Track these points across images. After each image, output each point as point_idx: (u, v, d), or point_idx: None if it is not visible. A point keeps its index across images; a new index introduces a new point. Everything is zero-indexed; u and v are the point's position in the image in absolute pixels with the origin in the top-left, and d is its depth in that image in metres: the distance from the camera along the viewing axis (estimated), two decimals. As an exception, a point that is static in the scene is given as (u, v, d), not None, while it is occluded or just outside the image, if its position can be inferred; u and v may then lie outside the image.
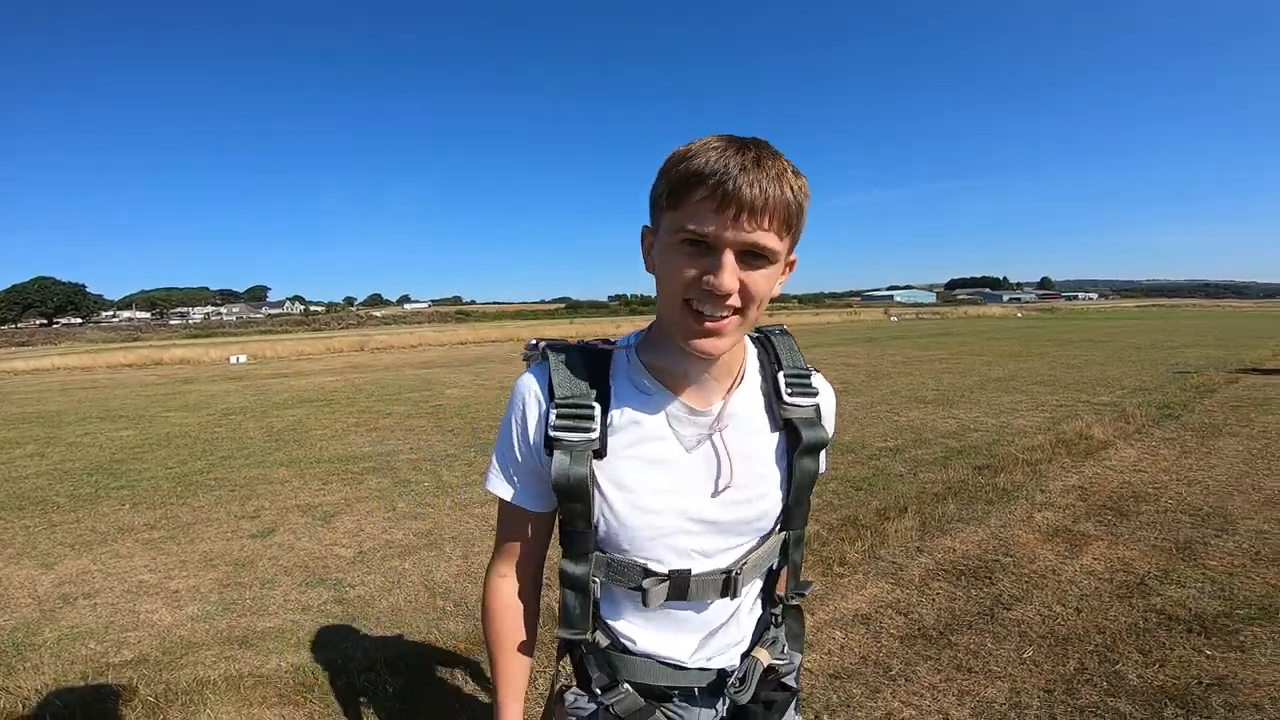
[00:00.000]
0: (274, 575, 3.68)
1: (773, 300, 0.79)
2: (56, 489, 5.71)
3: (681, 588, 0.86)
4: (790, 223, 0.73)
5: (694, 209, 0.71)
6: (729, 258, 0.71)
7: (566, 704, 0.94)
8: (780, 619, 1.01)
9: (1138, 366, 12.69)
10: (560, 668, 0.98)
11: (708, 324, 0.74)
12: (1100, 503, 4.38)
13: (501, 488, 0.89)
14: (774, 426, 0.89)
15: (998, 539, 3.78)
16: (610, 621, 0.90)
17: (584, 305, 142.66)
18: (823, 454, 0.93)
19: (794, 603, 1.02)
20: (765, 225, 0.70)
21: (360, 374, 16.18)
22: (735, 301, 0.73)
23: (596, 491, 0.82)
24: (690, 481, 0.84)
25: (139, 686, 2.55)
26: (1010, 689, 2.34)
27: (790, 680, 1.00)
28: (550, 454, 0.81)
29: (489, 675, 0.97)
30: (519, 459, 0.86)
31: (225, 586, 3.56)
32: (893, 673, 2.49)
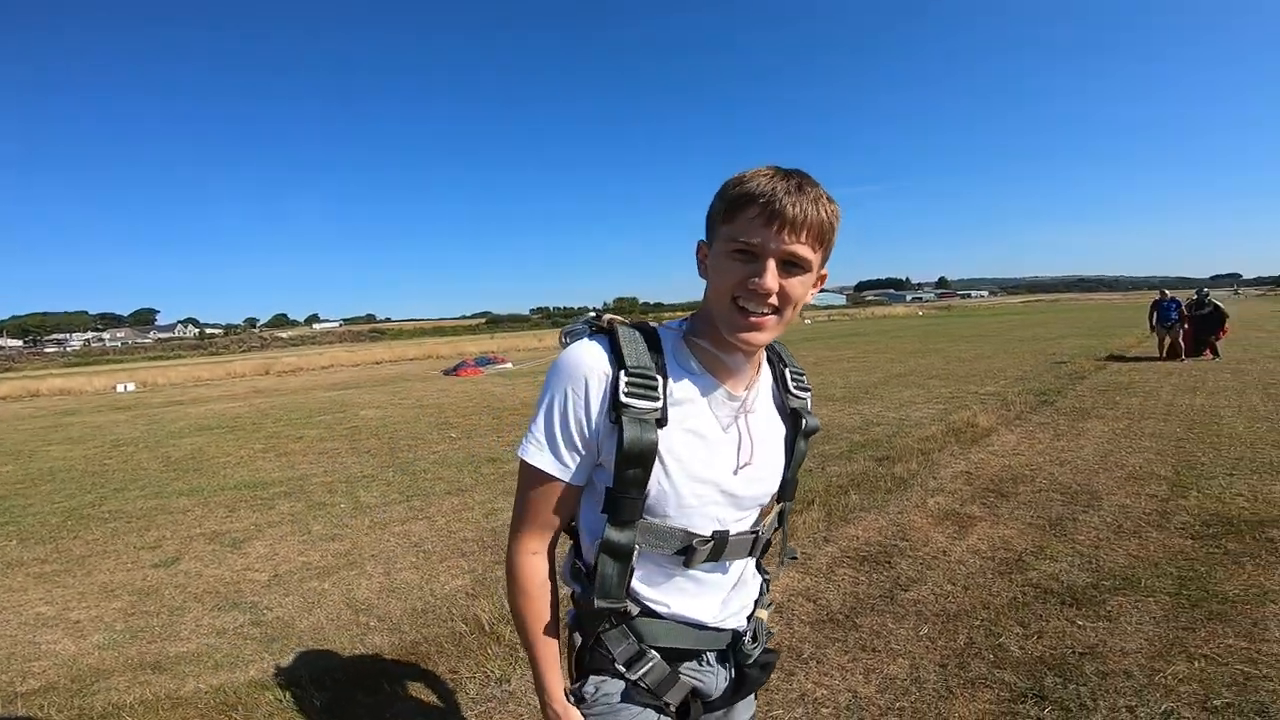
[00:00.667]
0: (183, 602, 3.53)
1: (691, 306, 0.93)
2: (-72, 531, 5.19)
3: (720, 549, 0.95)
4: (823, 239, 0.87)
5: (746, 224, 0.84)
6: (771, 264, 0.84)
7: (587, 699, 0.97)
8: (768, 585, 1.15)
9: (1019, 357, 13.85)
10: (579, 646, 0.99)
11: (752, 319, 0.87)
12: (984, 486, 4.80)
13: (546, 460, 0.91)
14: (782, 414, 1.05)
15: (896, 525, 4.09)
16: (641, 589, 0.95)
17: (505, 319, 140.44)
18: (811, 439, 1.09)
19: (785, 565, 1.18)
20: (803, 239, 0.84)
21: (266, 398, 15.39)
22: (774, 302, 0.86)
23: (657, 459, 0.89)
24: (722, 457, 0.94)
25: (51, 713, 2.45)
26: (910, 665, 2.55)
27: (770, 645, 1.14)
28: (615, 421, 0.87)
29: (522, 650, 1.02)
30: (574, 429, 0.89)
31: (130, 615, 3.40)
32: (805, 656, 2.66)
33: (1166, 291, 12.79)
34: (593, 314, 0.98)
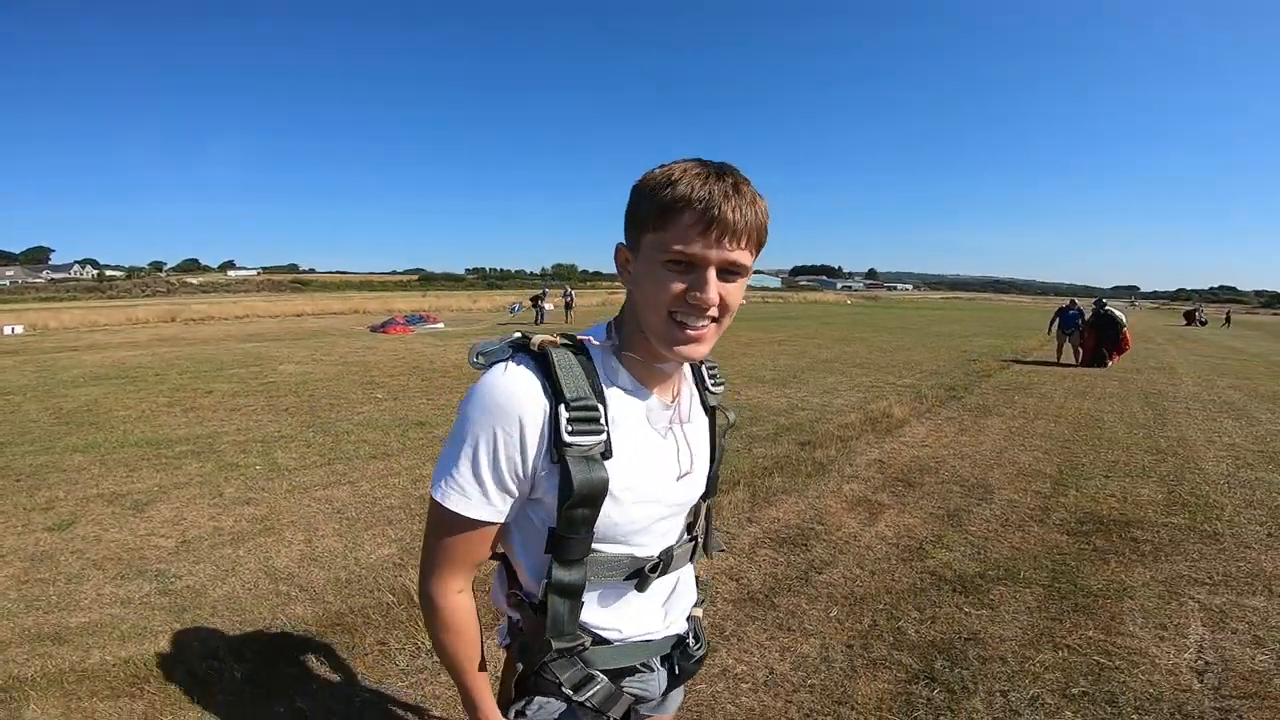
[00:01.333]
0: (81, 569, 3.34)
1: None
2: None
3: (668, 565, 0.94)
4: (761, 241, 0.83)
5: (682, 232, 0.78)
6: (712, 274, 0.80)
7: (528, 716, 0.94)
8: (698, 582, 1.16)
9: (936, 353, 14.63)
10: (516, 675, 0.95)
11: (690, 332, 0.82)
12: (894, 475, 5.10)
13: (475, 508, 0.82)
14: (705, 412, 1.04)
15: (814, 509, 4.30)
16: (592, 618, 0.91)
17: (439, 278, 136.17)
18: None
19: (713, 556, 1.19)
20: (743, 244, 0.80)
21: (171, 348, 14.43)
22: (714, 312, 0.82)
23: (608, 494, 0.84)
24: (665, 469, 0.91)
25: (-60, 691, 2.28)
26: (821, 645, 2.71)
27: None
28: (557, 461, 0.80)
29: (451, 678, 0.93)
30: (507, 471, 0.81)
31: (24, 583, 3.19)
32: (726, 633, 2.79)
33: (1076, 301, 13.75)
34: (518, 335, 0.87)
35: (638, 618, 0.96)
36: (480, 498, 0.82)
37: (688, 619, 1.07)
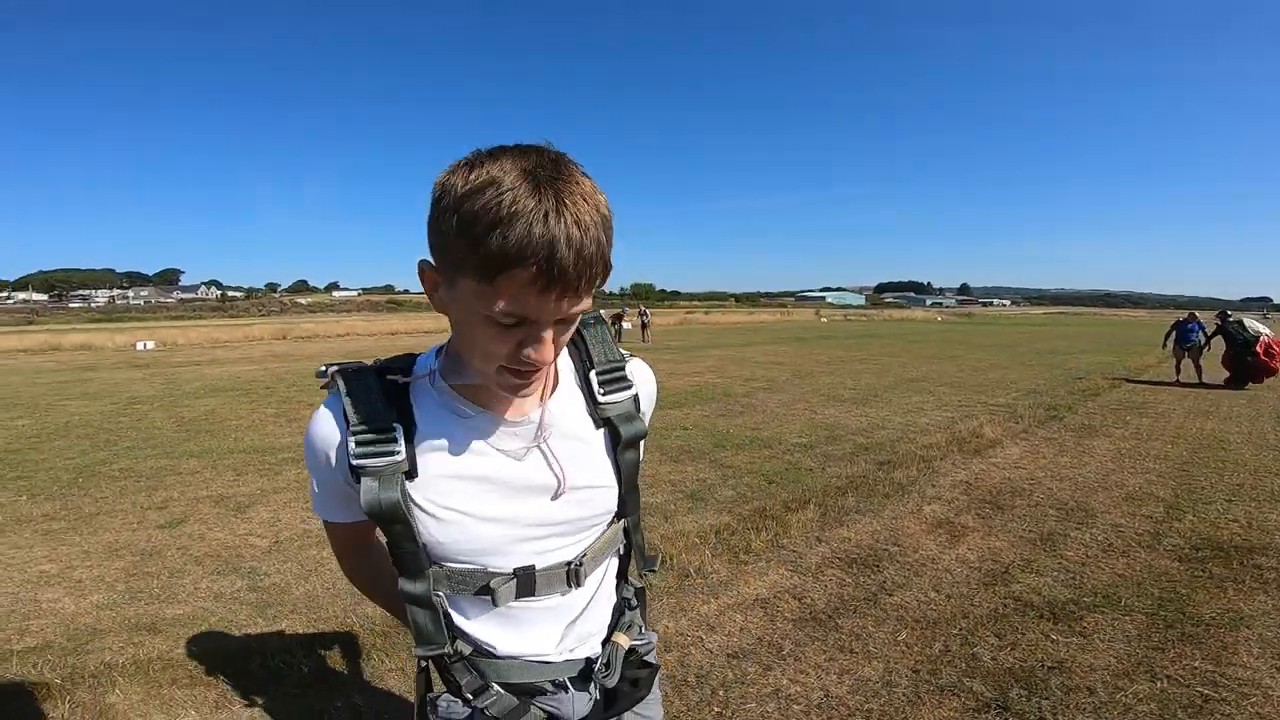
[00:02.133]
0: (184, 565, 3.62)
1: (710, 299, 0.81)
2: (-57, 480, 5.37)
3: (528, 584, 0.86)
4: (605, 272, 0.69)
5: (515, 294, 0.65)
6: (549, 333, 0.70)
7: (440, 711, 0.94)
8: (634, 602, 1.06)
9: (1035, 371, 13.71)
10: (422, 674, 0.96)
11: (521, 382, 0.74)
12: (981, 497, 4.80)
13: (326, 513, 0.90)
14: (596, 424, 0.90)
15: (889, 530, 4.11)
16: (467, 629, 0.89)
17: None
18: (642, 444, 0.96)
19: (641, 585, 1.08)
20: (583, 292, 0.68)
21: (281, 363, 15.61)
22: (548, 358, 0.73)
23: (418, 511, 0.81)
24: (525, 490, 0.84)
25: (44, 671, 2.53)
26: (884, 668, 2.58)
27: (650, 658, 1.06)
28: (357, 481, 0.80)
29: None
30: (331, 491, 0.86)
31: (132, 576, 3.49)
32: (784, 653, 2.71)
33: (1196, 314, 12.59)
34: (322, 367, 0.86)
35: (517, 636, 0.90)
36: (327, 508, 0.90)
37: (604, 643, 0.98)
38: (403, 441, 0.80)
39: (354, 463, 0.79)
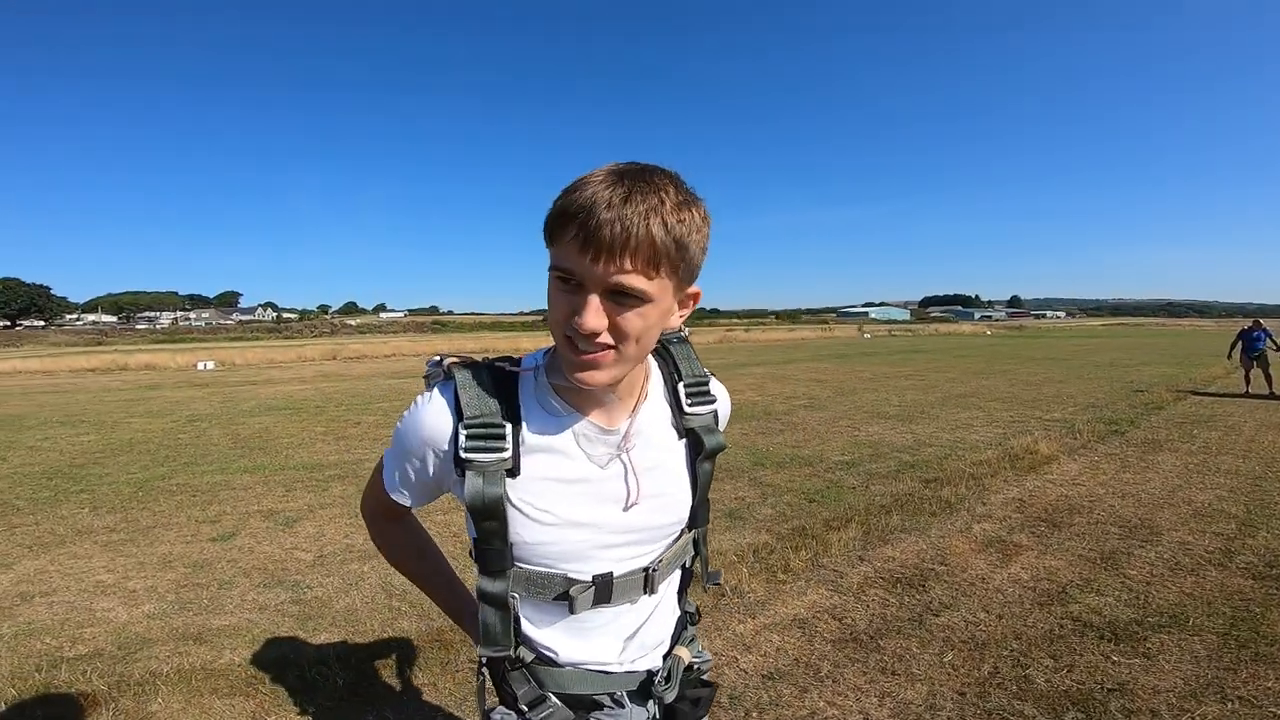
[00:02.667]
0: (232, 577, 3.73)
1: (750, 316, 0.82)
2: (15, 492, 5.68)
3: (605, 591, 0.87)
4: (660, 262, 0.71)
5: (565, 248, 0.71)
6: (594, 298, 0.71)
7: None
8: (696, 617, 1.07)
9: (1093, 384, 13.15)
10: (483, 685, 0.97)
11: (584, 356, 0.74)
12: (1036, 515, 4.59)
13: (392, 483, 0.92)
14: (679, 436, 0.92)
15: (936, 549, 3.96)
16: (532, 635, 0.89)
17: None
18: (717, 458, 0.98)
19: (708, 589, 1.10)
20: (628, 266, 0.69)
21: (331, 383, 16.09)
22: (607, 339, 0.73)
23: (513, 510, 0.82)
24: (603, 498, 0.86)
25: (93, 679, 2.62)
26: (928, 691, 2.48)
27: (708, 676, 1.06)
28: (461, 474, 0.81)
29: (439, 610, 1.01)
30: (416, 481, 0.89)
31: (182, 587, 3.60)
32: (822, 674, 2.62)
33: (1261, 321, 11.93)
34: (436, 357, 0.90)
35: (583, 644, 0.90)
36: (396, 486, 0.92)
37: (665, 656, 0.98)
38: (510, 440, 0.82)
39: (463, 455, 0.80)
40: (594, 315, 0.71)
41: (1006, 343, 36.90)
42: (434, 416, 0.83)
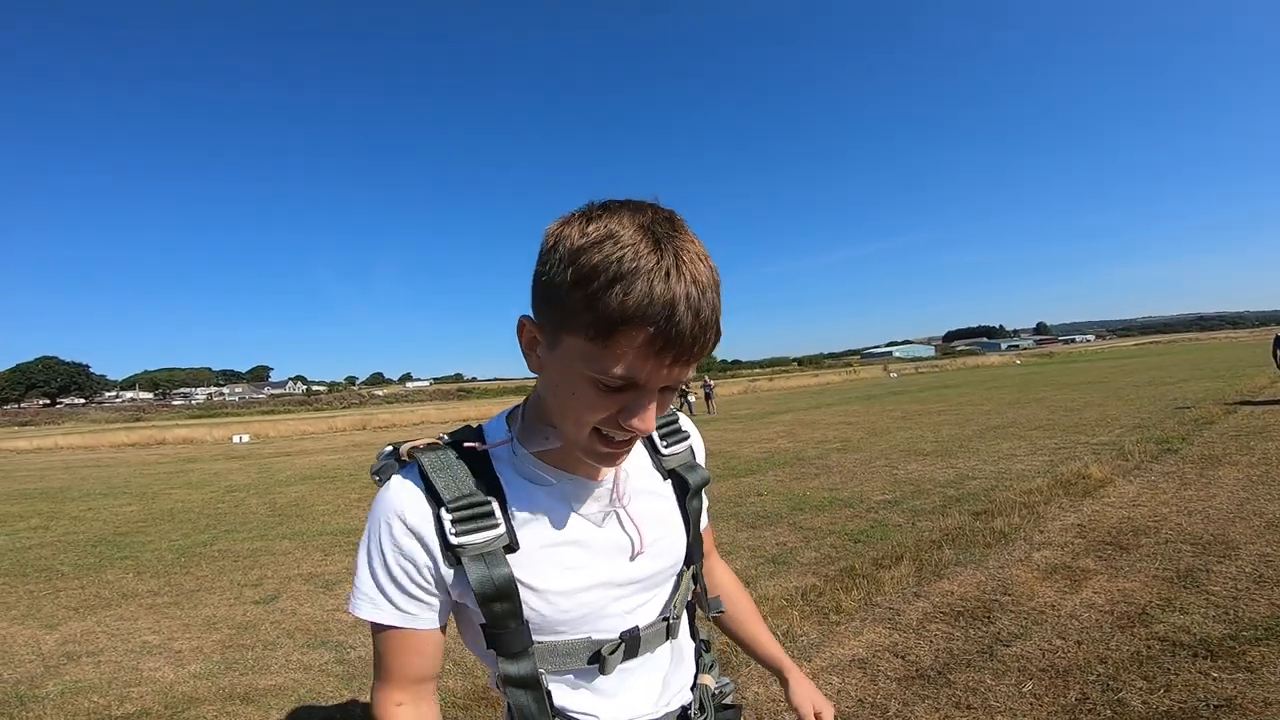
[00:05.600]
0: (276, 638, 3.70)
1: (772, 365, 0.77)
2: (61, 559, 5.78)
3: (634, 646, 0.84)
4: (717, 341, 0.66)
5: (628, 353, 0.61)
6: (653, 400, 0.66)
7: None
8: (709, 645, 1.05)
9: (1135, 404, 12.76)
10: None
11: (615, 450, 0.71)
12: (1099, 539, 4.39)
13: (384, 614, 0.76)
14: (663, 478, 0.90)
15: (996, 580, 3.78)
16: (568, 705, 0.83)
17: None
18: (704, 492, 0.96)
19: (714, 617, 1.05)
20: (699, 359, 0.64)
21: (362, 452, 16.23)
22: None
23: (523, 587, 0.76)
24: (607, 554, 0.82)
25: (141, 737, 2.58)
26: (1011, 723, 2.34)
27: (730, 699, 1.04)
28: (455, 564, 0.73)
29: None
30: (404, 579, 0.75)
31: (228, 648, 3.58)
32: (890, 713, 2.49)
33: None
34: (389, 447, 0.82)
35: (620, 700, 0.85)
36: (389, 605, 0.76)
37: (693, 688, 0.95)
38: (500, 515, 0.75)
39: (455, 542, 0.72)
40: (652, 418, 0.66)
41: (1039, 371, 36.19)
42: (405, 508, 0.74)
